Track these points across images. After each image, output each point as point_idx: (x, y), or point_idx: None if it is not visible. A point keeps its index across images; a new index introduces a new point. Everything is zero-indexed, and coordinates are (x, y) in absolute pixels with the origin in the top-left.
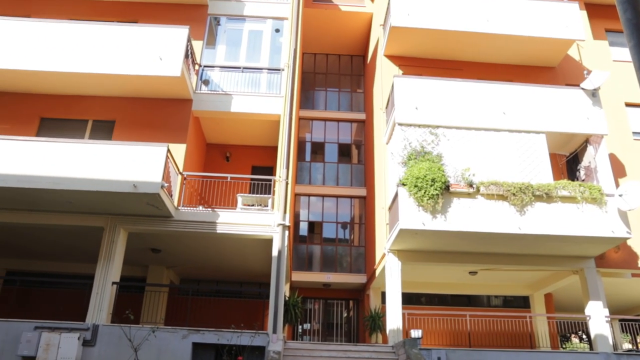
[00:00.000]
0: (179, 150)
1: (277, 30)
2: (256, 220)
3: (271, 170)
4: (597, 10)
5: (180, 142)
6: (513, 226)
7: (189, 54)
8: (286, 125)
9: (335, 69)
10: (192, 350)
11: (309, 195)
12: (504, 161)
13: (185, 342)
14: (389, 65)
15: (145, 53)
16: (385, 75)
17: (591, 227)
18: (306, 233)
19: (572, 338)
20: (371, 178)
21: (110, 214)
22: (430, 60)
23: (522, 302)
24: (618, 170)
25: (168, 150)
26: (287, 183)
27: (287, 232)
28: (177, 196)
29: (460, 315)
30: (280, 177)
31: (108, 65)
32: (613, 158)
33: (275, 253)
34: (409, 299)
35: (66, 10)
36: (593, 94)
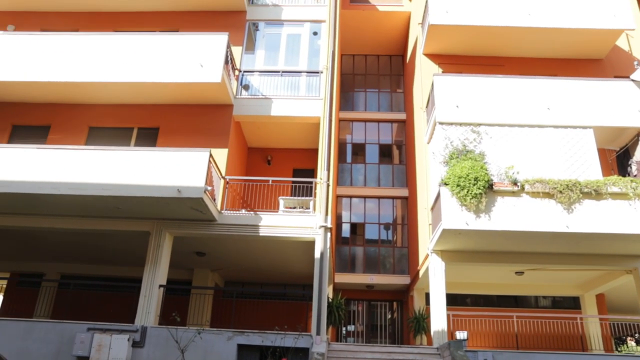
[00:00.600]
0: (221, 154)
1: (315, 33)
2: (298, 222)
3: (312, 172)
4: None
5: (222, 147)
6: (560, 225)
7: (229, 60)
8: (326, 127)
9: (374, 70)
10: (237, 351)
11: (351, 196)
12: (549, 158)
13: (230, 344)
14: (429, 63)
15: (186, 60)
16: (424, 74)
17: None
18: (348, 234)
19: (628, 341)
20: (413, 178)
21: (156, 219)
22: (470, 57)
23: (572, 303)
24: None
25: (210, 155)
26: (329, 185)
27: (329, 234)
28: (220, 200)
29: (506, 316)
30: (321, 179)
31: (151, 74)
32: None
33: (317, 255)
34: (454, 300)
35: (111, 22)
36: None
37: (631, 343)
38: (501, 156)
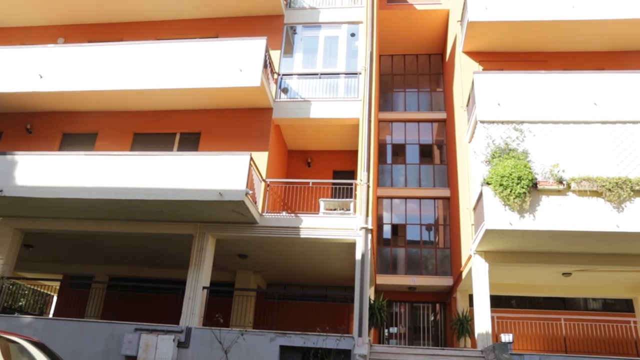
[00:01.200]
0: (262, 158)
1: (353, 34)
2: (339, 224)
3: (352, 174)
4: None
5: (262, 150)
6: (610, 224)
7: (268, 64)
8: (365, 128)
9: (413, 69)
10: (280, 352)
11: (392, 197)
12: (596, 155)
13: (272, 345)
14: (469, 61)
15: (226, 66)
16: (464, 72)
17: None
18: (390, 236)
19: None
20: (454, 178)
21: (199, 222)
22: (511, 53)
23: (625, 306)
24: None
25: (251, 158)
26: (369, 186)
27: (370, 236)
28: (261, 203)
29: (554, 319)
30: (361, 181)
31: (193, 80)
32: None
33: (358, 256)
34: (498, 302)
35: (154, 31)
36: None
37: None
38: (545, 154)
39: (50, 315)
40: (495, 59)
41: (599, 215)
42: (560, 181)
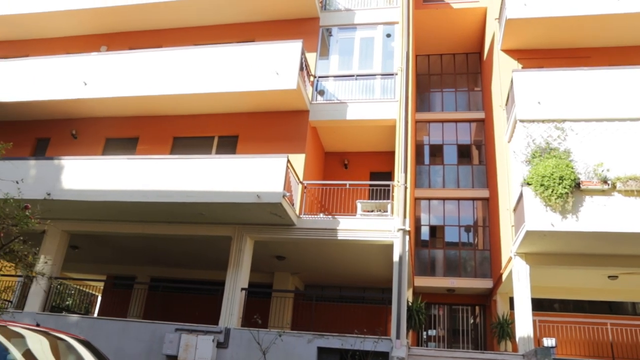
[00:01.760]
0: (299, 160)
1: (389, 35)
2: (376, 225)
3: (389, 175)
4: None
5: (299, 152)
6: None
7: (304, 67)
8: (402, 129)
9: (450, 69)
10: (317, 354)
11: (429, 198)
12: None
13: (310, 347)
14: (507, 59)
15: (262, 69)
16: (503, 70)
17: None
18: (428, 237)
19: None
20: (494, 179)
21: (237, 224)
22: (552, 50)
23: None
24: None
25: (288, 160)
26: (406, 187)
27: (408, 237)
28: (299, 204)
29: (599, 323)
30: (398, 182)
31: (230, 83)
32: None
33: (396, 258)
34: (540, 305)
35: (191, 37)
36: None
37: None
38: (588, 153)
39: (95, 314)
40: (534, 57)
41: None
42: (604, 181)
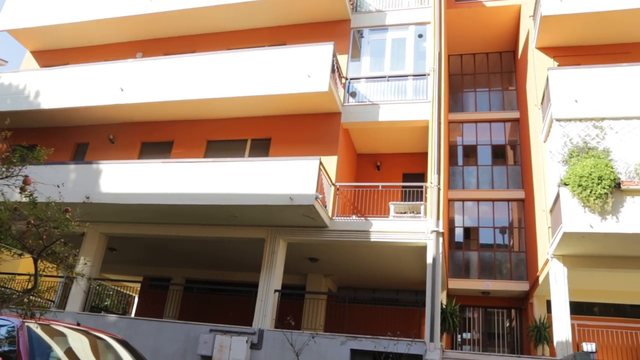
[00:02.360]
0: (331, 162)
1: (420, 35)
2: (409, 227)
3: (422, 176)
4: None
5: (331, 155)
6: None
7: (335, 69)
8: (435, 130)
9: (483, 68)
10: (350, 356)
11: (463, 200)
12: None
13: (343, 349)
14: (542, 57)
15: (294, 72)
16: (538, 69)
17: None
18: (462, 239)
19: None
20: (529, 179)
21: (270, 226)
22: (589, 47)
23: None
24: None
25: (320, 162)
26: (439, 189)
27: (442, 239)
28: (331, 206)
29: None
30: (431, 183)
31: (262, 87)
32: None
33: (429, 260)
34: (579, 309)
35: (224, 41)
36: None
37: None
38: (629, 152)
39: (132, 314)
40: (571, 54)
41: None
42: None
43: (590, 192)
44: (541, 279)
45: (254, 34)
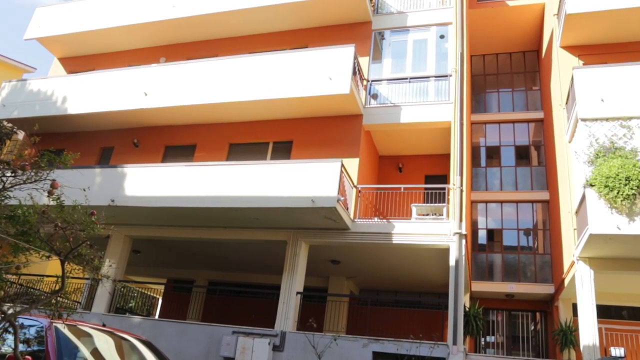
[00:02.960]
0: (353, 164)
1: (442, 36)
2: (431, 229)
3: (445, 178)
4: None
5: (353, 157)
6: None
7: (356, 71)
8: (457, 131)
9: (506, 68)
10: (372, 359)
11: (486, 201)
12: None
13: (365, 351)
14: (567, 56)
15: (316, 75)
16: (562, 68)
17: None
18: (485, 241)
19: None
20: (554, 180)
21: (292, 228)
22: (615, 45)
23: None
24: None
25: (342, 165)
26: (462, 190)
27: (464, 241)
28: (353, 209)
29: None
30: (454, 185)
31: (284, 90)
32: None
33: (452, 262)
34: (607, 312)
35: (246, 45)
36: None
37: None
38: None
39: (156, 316)
40: (596, 52)
41: None
42: None
43: (617, 193)
44: (567, 282)
45: (276, 37)
